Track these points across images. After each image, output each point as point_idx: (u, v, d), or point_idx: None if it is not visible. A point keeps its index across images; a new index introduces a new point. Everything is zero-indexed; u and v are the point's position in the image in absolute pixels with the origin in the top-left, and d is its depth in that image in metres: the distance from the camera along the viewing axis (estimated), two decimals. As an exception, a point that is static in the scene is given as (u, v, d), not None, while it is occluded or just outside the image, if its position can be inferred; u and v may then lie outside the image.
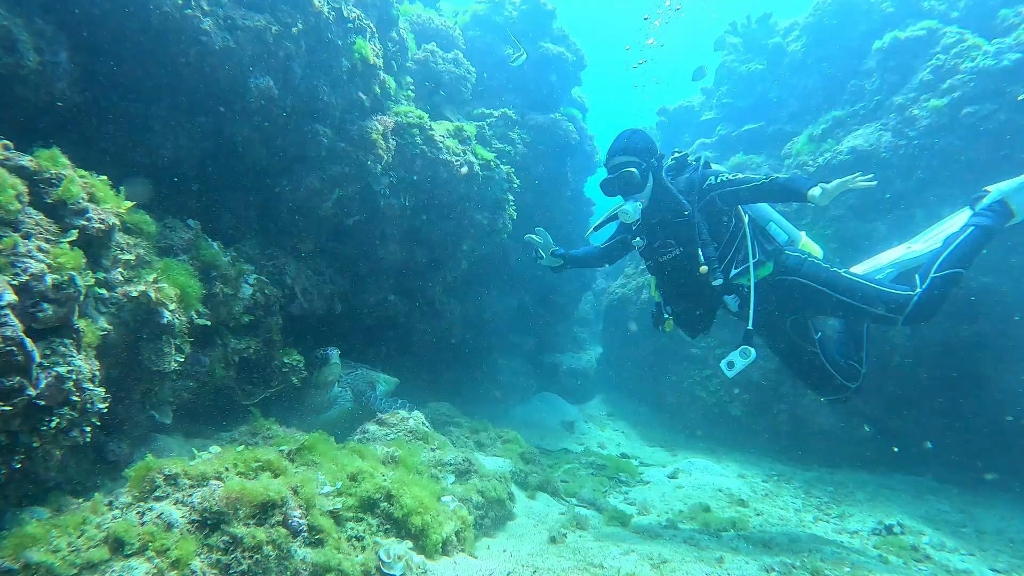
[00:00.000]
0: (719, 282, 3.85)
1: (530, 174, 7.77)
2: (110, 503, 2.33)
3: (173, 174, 4.17)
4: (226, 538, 2.20)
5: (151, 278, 2.92)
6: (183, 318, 3.11)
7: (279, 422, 4.65)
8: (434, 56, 6.90)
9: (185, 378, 3.43)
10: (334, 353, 4.83)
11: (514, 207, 6.73)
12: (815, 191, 3.49)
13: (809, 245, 4.33)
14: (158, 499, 2.30)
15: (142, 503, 2.29)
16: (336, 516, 2.62)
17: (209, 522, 2.23)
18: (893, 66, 7.41)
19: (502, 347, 8.92)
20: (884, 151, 6.87)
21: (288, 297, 4.68)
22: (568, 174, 8.76)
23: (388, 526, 2.72)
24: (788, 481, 6.15)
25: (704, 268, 3.83)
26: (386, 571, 2.43)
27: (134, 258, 2.91)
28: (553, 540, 3.60)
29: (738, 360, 3.80)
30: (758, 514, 4.96)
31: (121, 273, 2.81)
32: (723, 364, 3.88)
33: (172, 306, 2.96)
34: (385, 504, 2.74)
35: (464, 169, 5.89)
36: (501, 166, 6.53)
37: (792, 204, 5.39)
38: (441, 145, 5.83)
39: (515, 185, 6.68)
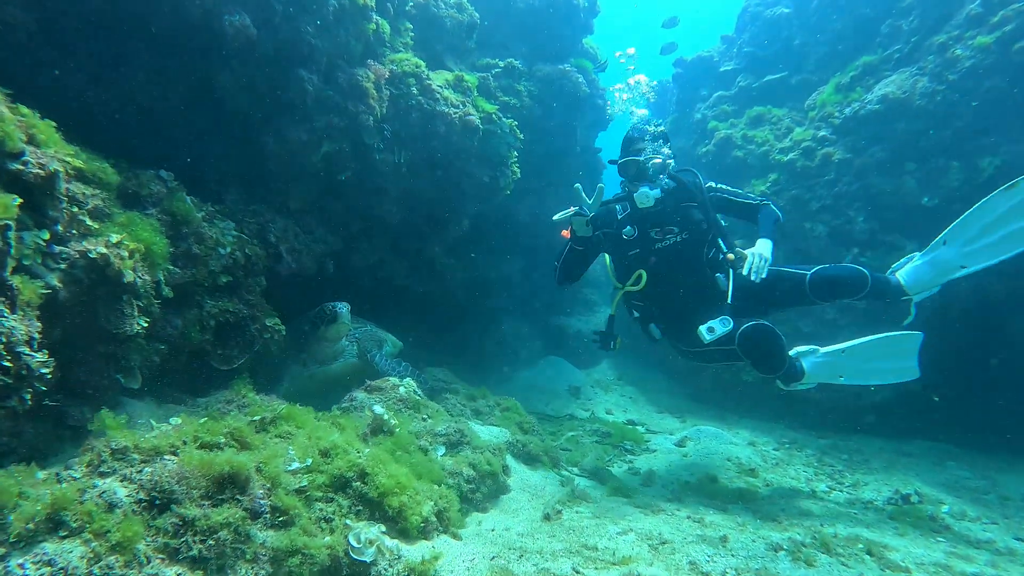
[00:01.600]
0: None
1: (537, 129, 7.38)
2: (57, 475, 2.13)
3: (148, 123, 3.90)
4: (175, 520, 2.00)
5: (112, 234, 2.67)
6: (148, 277, 2.88)
7: (273, 375, 4.50)
8: (435, 0, 6.47)
9: (156, 341, 3.21)
10: (344, 310, 4.58)
11: (518, 164, 6.38)
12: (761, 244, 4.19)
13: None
14: (103, 475, 2.10)
15: (87, 478, 2.09)
16: (304, 495, 2.41)
17: (158, 502, 2.03)
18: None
19: (507, 309, 8.67)
20: (919, 99, 6.35)
21: (274, 257, 4.43)
22: (578, 129, 8.33)
23: (360, 507, 2.51)
24: (800, 448, 5.93)
25: (731, 256, 4.23)
26: (355, 556, 2.22)
27: (90, 211, 2.66)
28: (547, 517, 3.40)
29: (718, 326, 4.05)
30: (767, 485, 4.75)
31: (76, 227, 2.57)
32: (703, 328, 4.08)
33: (133, 264, 2.72)
34: (358, 483, 2.53)
35: (466, 119, 5.54)
36: (504, 120, 6.16)
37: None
38: (439, 96, 5.47)
39: (519, 140, 6.32)
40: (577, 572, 2.57)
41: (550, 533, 3.12)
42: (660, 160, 4.30)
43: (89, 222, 2.60)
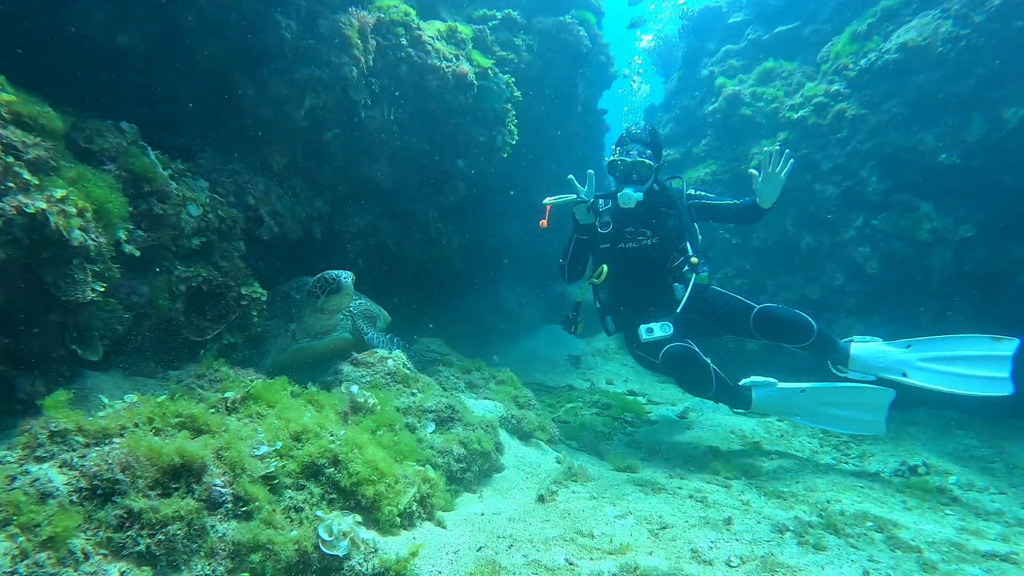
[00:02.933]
0: (705, 273, 4.45)
1: (536, 87, 7.01)
2: (-16, 464, 1.91)
3: (108, 70, 3.58)
4: (120, 512, 1.78)
5: (55, 190, 2.40)
6: (103, 240, 2.61)
7: (252, 349, 4.25)
8: (428, -56, 6.04)
9: (119, 309, 2.97)
10: (347, 279, 4.08)
11: (515, 122, 6.04)
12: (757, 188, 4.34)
13: None
14: (39, 460, 1.87)
15: (20, 464, 1.87)
16: (272, 483, 2.19)
17: (100, 491, 1.81)
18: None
19: (505, 277, 8.41)
20: (941, 45, 5.93)
21: (253, 220, 4.15)
22: (579, 86, 7.92)
23: (334, 495, 2.30)
24: (806, 420, 5.73)
25: (695, 259, 4.41)
26: (326, 550, 2.02)
27: (31, 161, 2.38)
28: (541, 499, 3.19)
29: (657, 330, 4.25)
30: (772, 458, 4.56)
31: (13, 180, 2.29)
32: (643, 328, 4.29)
33: (82, 223, 2.45)
34: (331, 470, 2.31)
35: (460, 73, 5.20)
36: (500, 75, 5.80)
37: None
38: (431, 49, 5.11)
39: (516, 96, 5.97)
40: (571, 564, 2.37)
41: (544, 517, 2.92)
42: (647, 163, 4.43)
43: (27, 176, 2.32)
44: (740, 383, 4.50)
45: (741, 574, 2.47)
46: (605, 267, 4.65)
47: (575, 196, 4.53)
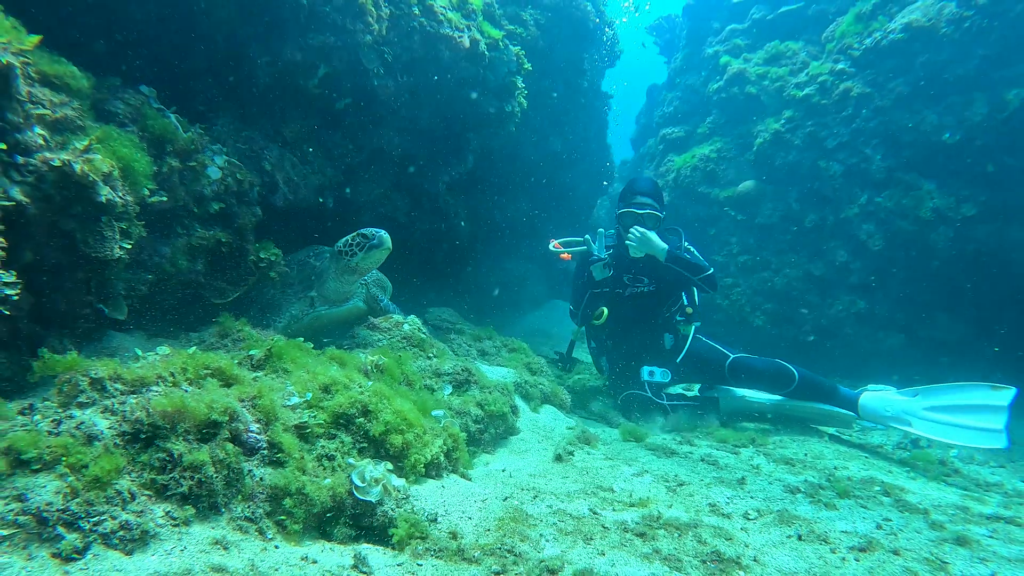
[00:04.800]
0: (697, 324, 4.95)
1: (543, 61, 6.99)
2: (25, 409, 1.94)
3: (123, 37, 3.56)
4: (163, 455, 1.82)
5: (81, 145, 2.40)
6: (129, 197, 2.62)
7: (264, 316, 4.26)
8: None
9: (141, 269, 2.98)
10: (387, 236, 3.96)
11: (524, 94, 6.03)
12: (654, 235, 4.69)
13: None
14: (81, 406, 1.91)
15: (62, 409, 1.91)
16: (303, 432, 2.23)
17: (143, 435, 1.85)
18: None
19: (512, 250, 8.44)
20: (945, 26, 5.96)
21: (269, 186, 4.15)
22: (585, 63, 7.91)
23: (364, 444, 2.34)
24: (810, 392, 5.80)
25: (689, 310, 4.91)
26: (360, 496, 2.06)
27: (59, 119, 2.39)
28: (559, 458, 3.25)
29: (658, 374, 4.70)
30: (777, 431, 4.63)
31: (42, 136, 2.30)
32: (646, 369, 4.71)
33: (111, 180, 2.46)
34: (361, 420, 2.34)
35: (471, 44, 5.18)
36: (511, 47, 5.78)
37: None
38: (442, 18, 5.08)
39: (526, 68, 5.95)
40: (595, 513, 2.43)
41: (563, 474, 2.97)
42: (655, 215, 4.82)
43: (60, 133, 2.32)
44: (707, 393, 4.95)
45: (759, 525, 2.53)
46: (605, 310, 4.91)
47: (582, 242, 4.96)
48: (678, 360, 4.79)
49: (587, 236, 4.92)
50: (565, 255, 5.11)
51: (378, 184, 5.60)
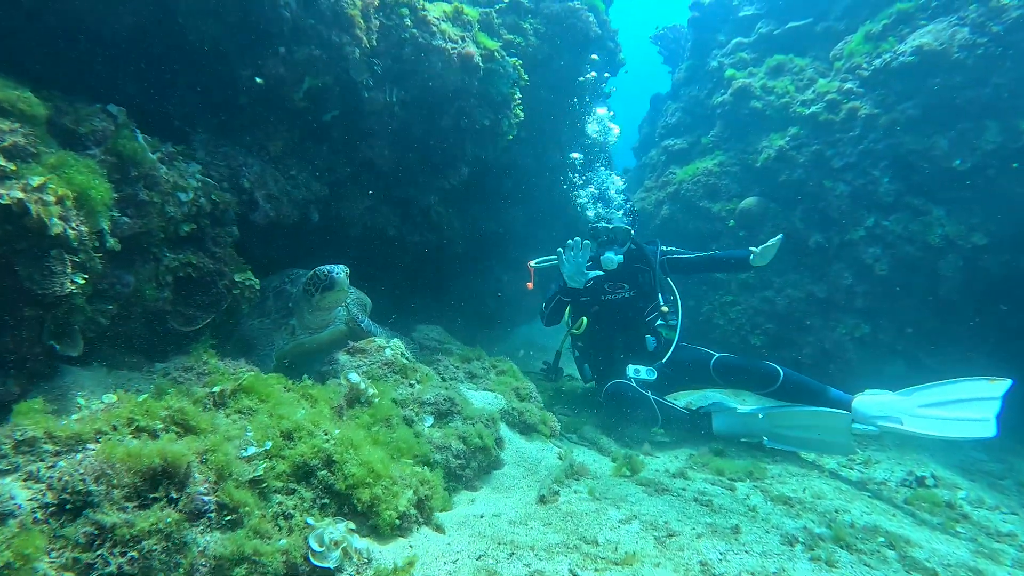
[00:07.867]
0: (674, 322, 5.08)
1: (542, 71, 6.82)
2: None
3: (97, 53, 3.39)
4: (90, 528, 1.64)
5: (33, 176, 2.23)
6: (84, 228, 2.45)
7: (243, 343, 4.10)
8: (434, -77, 5.81)
9: (102, 300, 2.80)
10: (341, 275, 3.90)
11: (521, 106, 5.86)
12: (753, 251, 4.72)
13: None
14: (2, 473, 1.73)
15: (-11, 474, 1.73)
16: (260, 487, 2.06)
17: (69, 505, 1.67)
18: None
19: (506, 262, 8.26)
20: (958, 51, 5.78)
21: (248, 204, 3.98)
22: (586, 73, 7.73)
23: (327, 500, 2.16)
24: (810, 422, 5.61)
25: (665, 308, 5.10)
26: (316, 562, 1.88)
27: (7, 148, 2.22)
28: (543, 499, 3.06)
29: (643, 372, 4.76)
30: (776, 460, 4.45)
31: (-13, 167, 2.13)
32: (631, 368, 4.79)
33: (62, 211, 2.29)
34: (324, 472, 2.17)
35: (466, 56, 5.00)
36: (507, 58, 5.61)
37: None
38: (436, 30, 4.92)
39: (523, 80, 5.77)
40: (574, 575, 2.25)
41: (545, 520, 2.79)
42: (626, 228, 5.16)
43: (3, 162, 2.15)
44: (701, 409, 4.83)
45: (753, 592, 2.35)
46: (584, 319, 5.16)
47: (557, 260, 4.95)
48: (663, 361, 4.89)
49: (559, 250, 4.91)
50: (529, 284, 5.40)
51: (367, 197, 5.43)
